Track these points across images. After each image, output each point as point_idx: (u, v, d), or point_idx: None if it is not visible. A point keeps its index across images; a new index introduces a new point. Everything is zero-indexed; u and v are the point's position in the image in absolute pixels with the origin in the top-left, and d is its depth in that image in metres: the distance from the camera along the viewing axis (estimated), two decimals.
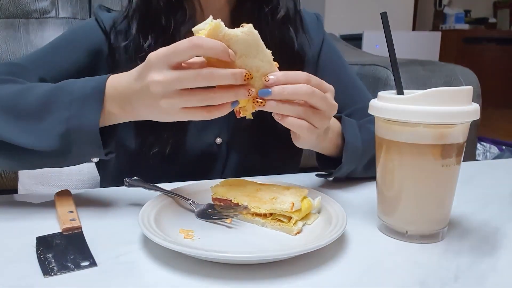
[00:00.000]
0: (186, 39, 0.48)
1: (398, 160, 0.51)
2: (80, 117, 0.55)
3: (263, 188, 0.58)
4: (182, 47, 0.48)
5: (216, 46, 0.48)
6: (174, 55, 0.48)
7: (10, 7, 1.39)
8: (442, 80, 1.41)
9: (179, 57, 0.49)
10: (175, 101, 0.50)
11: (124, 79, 0.55)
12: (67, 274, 0.44)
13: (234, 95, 0.50)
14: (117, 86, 0.55)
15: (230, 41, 0.49)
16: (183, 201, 0.59)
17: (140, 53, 0.73)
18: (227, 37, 0.49)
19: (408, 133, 0.49)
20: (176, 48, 0.48)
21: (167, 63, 0.49)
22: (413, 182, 0.51)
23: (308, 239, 0.52)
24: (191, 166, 0.79)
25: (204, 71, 0.48)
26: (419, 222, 0.52)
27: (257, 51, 0.51)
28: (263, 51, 0.51)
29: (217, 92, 0.50)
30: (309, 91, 0.52)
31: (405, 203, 0.52)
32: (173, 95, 0.50)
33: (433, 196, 0.51)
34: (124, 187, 0.66)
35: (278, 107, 0.53)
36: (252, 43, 0.50)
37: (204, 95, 0.50)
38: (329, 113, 0.57)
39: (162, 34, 0.74)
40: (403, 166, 0.51)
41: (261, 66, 0.51)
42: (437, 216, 0.52)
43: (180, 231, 0.52)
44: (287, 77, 0.52)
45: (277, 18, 0.76)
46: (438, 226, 0.52)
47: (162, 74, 0.49)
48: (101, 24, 0.78)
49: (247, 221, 0.56)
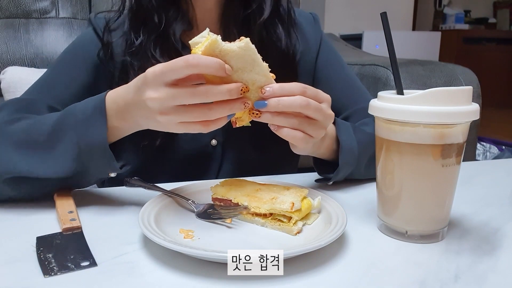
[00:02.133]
0: (182, 57, 0.48)
1: (398, 160, 0.51)
2: (87, 137, 0.56)
3: (263, 188, 0.58)
4: (178, 66, 0.48)
5: (212, 64, 0.48)
6: (170, 73, 0.49)
7: (10, 7, 1.38)
8: (442, 80, 1.41)
9: (175, 75, 0.49)
10: (172, 117, 0.51)
11: (123, 92, 0.56)
12: (67, 274, 0.44)
13: (230, 109, 0.51)
14: (116, 99, 0.57)
15: (227, 56, 0.49)
16: (183, 201, 0.59)
17: (132, 50, 0.74)
18: (224, 52, 0.49)
19: (408, 133, 0.49)
20: (173, 66, 0.49)
21: (163, 81, 0.49)
22: (413, 182, 0.51)
23: (308, 239, 0.52)
24: (186, 167, 0.79)
25: (200, 89, 0.49)
26: (419, 222, 0.52)
27: (253, 65, 0.51)
28: (260, 65, 0.51)
29: (212, 108, 0.50)
30: (303, 104, 0.53)
31: (405, 203, 0.52)
32: (170, 111, 0.50)
33: (433, 196, 0.51)
34: (124, 187, 0.66)
35: (274, 119, 0.53)
36: (248, 58, 0.50)
37: (200, 111, 0.50)
38: (325, 123, 0.57)
39: (154, 31, 0.74)
40: (403, 166, 0.51)
41: (258, 79, 0.52)
42: (437, 216, 0.52)
43: (180, 231, 0.52)
44: (282, 89, 0.52)
45: (263, 18, 0.76)
46: (438, 226, 0.52)
47: (158, 91, 0.50)
48: (99, 31, 0.79)
49: (247, 221, 0.56)
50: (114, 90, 0.58)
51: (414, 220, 0.52)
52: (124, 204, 0.62)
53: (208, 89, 0.49)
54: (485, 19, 5.73)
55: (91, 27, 0.81)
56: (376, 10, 1.09)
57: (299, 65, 0.82)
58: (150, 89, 0.50)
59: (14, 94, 1.22)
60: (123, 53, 0.76)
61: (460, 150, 0.50)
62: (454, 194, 0.53)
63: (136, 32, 0.75)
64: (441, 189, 0.51)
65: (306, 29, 0.86)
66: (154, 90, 0.50)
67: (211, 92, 0.49)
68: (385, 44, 0.53)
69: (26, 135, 0.59)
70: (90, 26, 0.81)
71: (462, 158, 0.51)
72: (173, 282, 0.43)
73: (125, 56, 0.75)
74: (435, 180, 0.50)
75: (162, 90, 0.50)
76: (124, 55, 0.75)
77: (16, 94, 1.21)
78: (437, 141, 0.48)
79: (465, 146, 0.51)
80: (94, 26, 0.80)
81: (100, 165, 0.58)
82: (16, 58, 1.35)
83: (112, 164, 0.58)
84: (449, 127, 0.48)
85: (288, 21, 0.80)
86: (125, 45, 0.76)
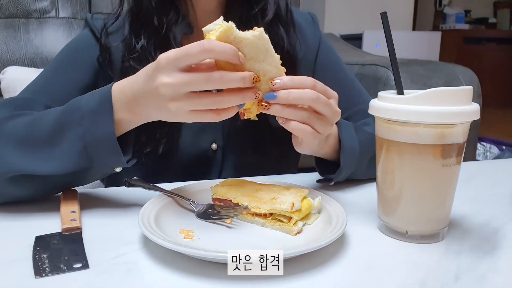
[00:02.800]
0: (197, 42, 0.48)
1: (398, 160, 0.51)
2: (94, 130, 0.55)
3: (263, 188, 0.58)
4: (193, 51, 0.48)
5: (227, 50, 0.48)
6: (185, 58, 0.48)
7: (10, 7, 1.38)
8: (442, 80, 1.41)
9: (190, 60, 0.49)
10: (184, 103, 0.50)
11: (131, 82, 0.55)
12: (58, 275, 0.43)
13: (241, 98, 0.51)
14: (123, 89, 0.55)
15: (240, 44, 0.49)
16: (183, 201, 0.59)
17: (133, 54, 0.73)
18: (238, 39, 0.49)
19: (408, 133, 0.49)
20: (187, 51, 0.48)
21: (177, 66, 0.49)
22: (413, 182, 0.51)
23: (308, 239, 0.52)
24: (187, 171, 0.79)
25: (215, 74, 0.48)
26: (420, 222, 0.52)
27: (266, 55, 0.51)
28: (272, 56, 0.51)
29: (225, 96, 0.50)
30: (314, 97, 0.52)
31: (405, 203, 0.52)
32: (182, 98, 0.50)
33: (433, 196, 0.51)
34: (124, 187, 0.66)
35: (283, 111, 0.53)
36: (261, 47, 0.50)
37: (213, 98, 0.50)
38: (333, 119, 0.57)
39: (154, 34, 0.73)
40: (403, 166, 0.51)
41: (269, 70, 0.52)
42: (437, 216, 0.52)
43: (180, 231, 0.52)
44: (293, 81, 0.52)
45: (266, 19, 0.76)
46: (439, 226, 0.52)
47: (172, 76, 0.49)
48: (96, 32, 0.78)
49: (247, 221, 0.56)
50: (120, 81, 0.56)
51: (414, 220, 0.52)
52: (124, 205, 0.62)
53: (223, 75, 0.48)
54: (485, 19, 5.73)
55: (87, 28, 0.80)
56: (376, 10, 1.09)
57: (299, 65, 0.82)
58: (163, 74, 0.49)
59: (14, 94, 1.21)
60: (123, 57, 0.75)
61: (460, 150, 0.50)
62: (454, 194, 0.53)
63: (137, 36, 0.74)
64: (441, 189, 0.51)
65: (305, 30, 0.85)
66: (167, 75, 0.49)
67: (226, 78, 0.48)
68: (385, 44, 0.53)
69: (27, 132, 0.58)
70: (87, 27, 0.80)
71: (463, 158, 0.51)
72: (172, 282, 0.43)
73: (125, 60, 0.74)
74: (435, 180, 0.50)
75: (176, 75, 0.49)
76: (123, 59, 0.74)
77: (16, 94, 1.20)
78: (438, 141, 0.48)
79: (465, 146, 0.51)
80: (91, 27, 0.79)
81: (105, 159, 0.57)
82: (16, 58, 1.35)
83: (119, 159, 0.57)
84: (450, 127, 0.48)
85: (289, 22, 0.80)
86: (124, 49, 0.75)
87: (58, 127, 0.56)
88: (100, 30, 0.77)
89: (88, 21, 0.80)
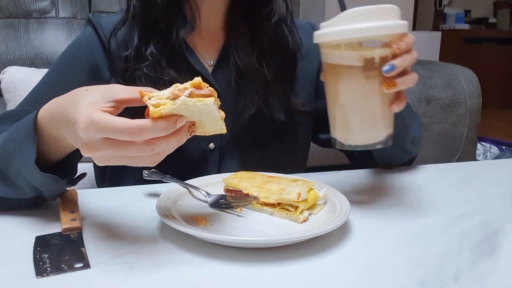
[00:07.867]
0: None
1: (333, 80, 0.56)
2: (24, 163, 0.53)
3: (271, 180, 0.62)
4: (118, 132, 0.43)
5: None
6: (108, 132, 0.44)
7: (10, 7, 1.39)
8: (442, 80, 1.41)
9: (112, 136, 0.44)
10: (103, 152, 0.45)
11: (58, 103, 0.52)
12: (60, 275, 0.43)
13: (177, 141, 0.46)
14: (49, 107, 0.53)
15: (184, 111, 0.44)
16: (197, 192, 0.63)
17: (145, 62, 0.71)
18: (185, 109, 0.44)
19: (333, 55, 0.54)
20: (111, 128, 0.43)
21: (98, 133, 0.44)
22: (345, 96, 0.56)
23: (313, 227, 0.54)
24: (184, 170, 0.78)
25: (132, 127, 0.43)
26: (359, 133, 0.57)
27: (208, 116, 0.47)
28: (215, 117, 0.47)
29: (156, 143, 0.45)
30: (416, 56, 0.58)
31: (344, 118, 0.57)
32: (97, 144, 0.45)
33: (365, 107, 0.56)
34: (124, 187, 0.66)
35: (406, 79, 0.56)
36: (206, 111, 0.46)
37: (139, 147, 0.45)
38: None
39: (162, 39, 0.72)
40: (336, 85, 0.56)
41: (207, 122, 0.48)
42: (375, 126, 0.56)
43: (194, 218, 0.55)
44: (406, 43, 0.56)
45: (272, 21, 0.75)
46: (377, 136, 0.57)
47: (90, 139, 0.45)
48: (100, 32, 0.75)
49: (256, 210, 0.59)
50: (49, 102, 0.53)
51: (354, 132, 0.57)
52: (124, 204, 0.62)
53: (142, 127, 0.43)
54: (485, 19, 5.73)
55: (90, 27, 0.77)
56: None
57: (299, 71, 0.82)
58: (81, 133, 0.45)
59: (14, 94, 1.22)
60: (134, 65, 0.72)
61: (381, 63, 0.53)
62: (385, 105, 0.56)
63: (147, 43, 0.72)
64: (369, 99, 0.55)
65: (305, 40, 0.85)
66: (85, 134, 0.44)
67: (145, 131, 0.43)
68: None
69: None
70: (89, 25, 0.77)
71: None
72: (172, 282, 0.43)
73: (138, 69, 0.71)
74: (363, 92, 0.55)
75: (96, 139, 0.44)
76: (135, 67, 0.72)
77: (15, 94, 1.21)
78: (359, 61, 0.53)
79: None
80: (95, 25, 0.76)
81: (47, 186, 0.55)
82: (16, 58, 1.35)
83: (57, 185, 0.55)
84: (370, 49, 0.53)
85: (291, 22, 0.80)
86: (135, 58, 0.72)
87: (5, 156, 0.56)
88: (103, 28, 0.75)
89: (91, 19, 0.77)
